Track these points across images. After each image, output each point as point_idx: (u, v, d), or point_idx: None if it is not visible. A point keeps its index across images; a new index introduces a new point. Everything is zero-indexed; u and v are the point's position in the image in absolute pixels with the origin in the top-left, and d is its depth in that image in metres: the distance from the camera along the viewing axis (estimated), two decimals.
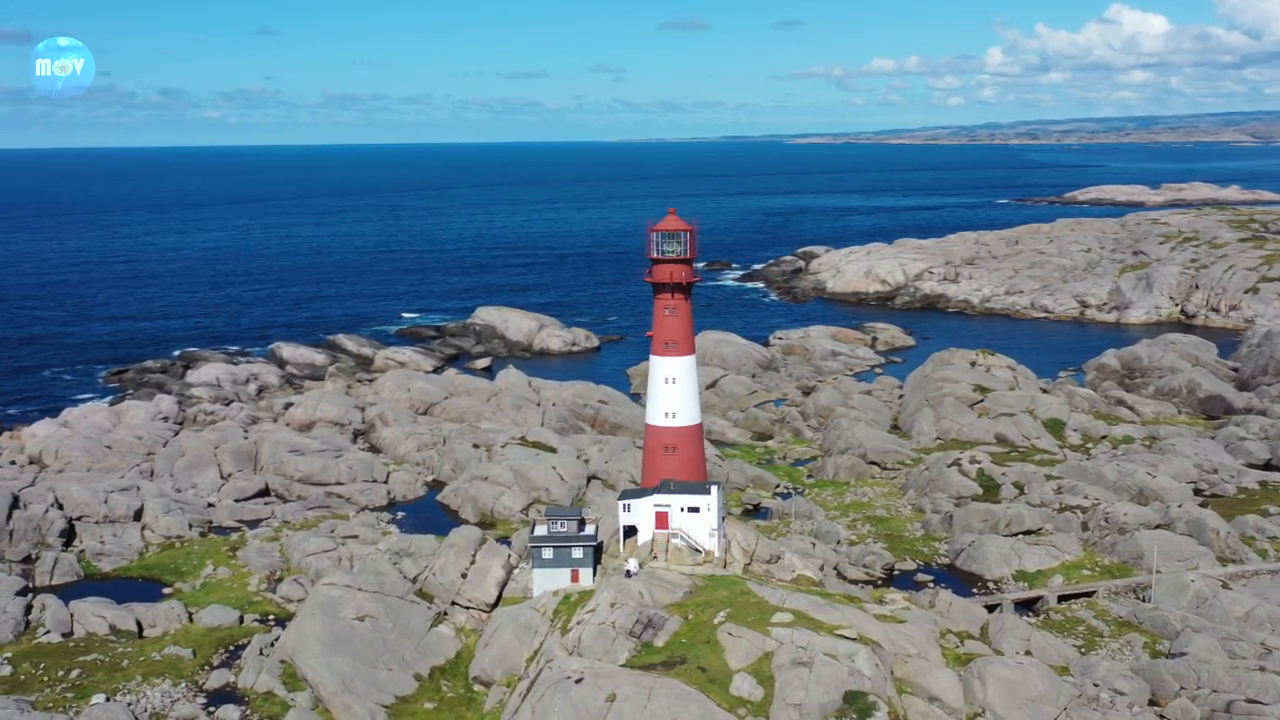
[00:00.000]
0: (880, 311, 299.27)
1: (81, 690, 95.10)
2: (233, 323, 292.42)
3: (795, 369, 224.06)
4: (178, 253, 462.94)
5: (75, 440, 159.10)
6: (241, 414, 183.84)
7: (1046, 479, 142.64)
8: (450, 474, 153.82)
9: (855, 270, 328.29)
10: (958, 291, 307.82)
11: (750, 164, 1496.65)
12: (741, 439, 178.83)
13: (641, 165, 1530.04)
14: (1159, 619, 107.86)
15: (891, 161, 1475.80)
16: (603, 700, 79.19)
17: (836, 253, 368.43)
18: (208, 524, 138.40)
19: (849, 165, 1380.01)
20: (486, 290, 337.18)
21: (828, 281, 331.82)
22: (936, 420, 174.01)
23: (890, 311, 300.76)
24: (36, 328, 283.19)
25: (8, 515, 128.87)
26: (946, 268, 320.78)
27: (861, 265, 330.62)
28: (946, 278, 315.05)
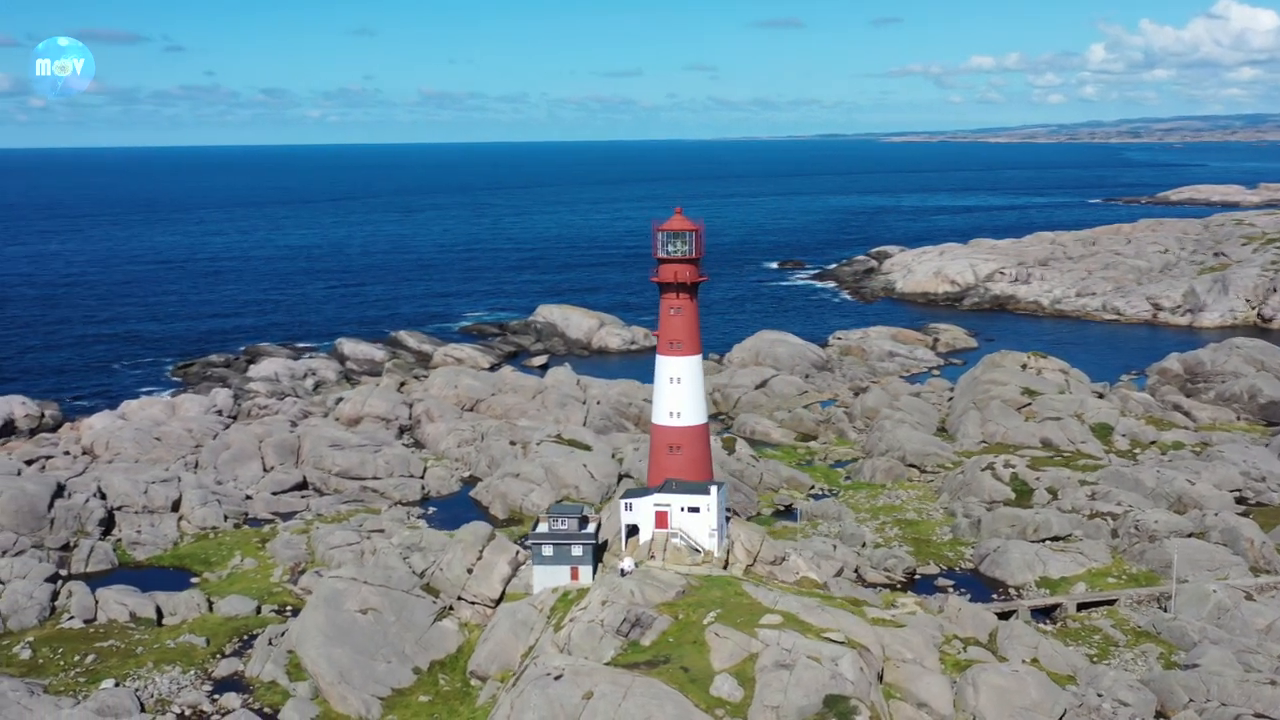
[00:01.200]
0: (948, 312, 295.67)
1: (94, 675, 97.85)
2: (303, 318, 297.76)
3: (851, 370, 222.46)
4: (262, 249, 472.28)
5: (126, 432, 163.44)
6: (294, 408, 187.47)
7: (1081, 484, 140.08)
8: (486, 470, 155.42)
9: (925, 270, 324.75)
10: (1028, 293, 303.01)
11: (842, 163, 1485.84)
12: (785, 439, 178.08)
13: (733, 164, 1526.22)
14: (1177, 629, 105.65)
15: (985, 160, 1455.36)
16: (579, 698, 79.63)
17: (909, 253, 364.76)
18: (243, 516, 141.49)
19: (942, 164, 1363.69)
20: (558, 288, 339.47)
21: (897, 282, 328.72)
22: (982, 423, 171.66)
23: (958, 312, 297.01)
24: (115, 322, 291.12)
25: (49, 504, 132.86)
26: (1019, 268, 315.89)
27: (931, 265, 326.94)
28: (1018, 279, 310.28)
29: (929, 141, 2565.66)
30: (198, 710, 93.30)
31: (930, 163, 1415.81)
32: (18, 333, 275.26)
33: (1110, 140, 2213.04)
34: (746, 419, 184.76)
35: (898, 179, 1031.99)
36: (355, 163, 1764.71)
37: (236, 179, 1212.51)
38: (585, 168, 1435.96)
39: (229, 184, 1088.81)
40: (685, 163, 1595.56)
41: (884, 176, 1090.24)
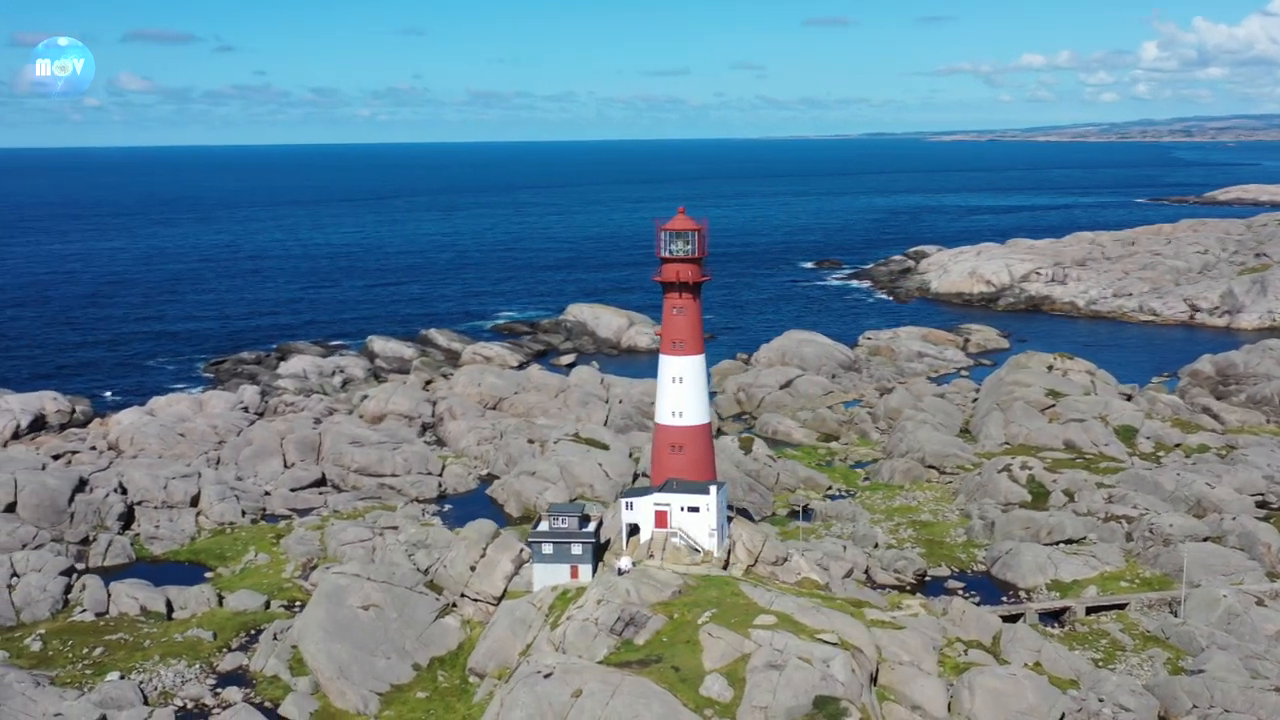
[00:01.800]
0: (983, 313, 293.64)
1: (100, 667, 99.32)
2: (338, 316, 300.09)
3: (878, 370, 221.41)
4: (303, 247, 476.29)
5: (151, 428, 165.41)
6: (320, 405, 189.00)
7: (1098, 487, 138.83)
8: (504, 468, 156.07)
9: (960, 271, 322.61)
10: (1064, 293, 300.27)
11: (889, 162, 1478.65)
12: (807, 440, 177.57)
13: (779, 163, 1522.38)
14: (1185, 634, 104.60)
15: (1033, 159, 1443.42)
16: (568, 696, 79.95)
17: (946, 252, 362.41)
18: (261, 511, 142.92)
19: (989, 163, 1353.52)
20: (594, 287, 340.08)
21: (932, 282, 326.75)
22: (1005, 425, 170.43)
23: (993, 313, 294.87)
24: (154, 319, 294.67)
25: (70, 498, 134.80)
26: (1055, 269, 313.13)
27: (967, 265, 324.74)
28: (1054, 279, 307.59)
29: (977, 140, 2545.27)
30: (199, 703, 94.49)
31: (977, 162, 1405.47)
32: (59, 329, 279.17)
33: (1162, 139, 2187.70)
34: (769, 419, 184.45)
35: (943, 178, 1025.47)
36: (403, 161, 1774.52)
37: (285, 178, 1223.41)
38: (631, 167, 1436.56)
39: (277, 183, 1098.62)
40: (731, 161, 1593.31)
41: (929, 176, 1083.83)
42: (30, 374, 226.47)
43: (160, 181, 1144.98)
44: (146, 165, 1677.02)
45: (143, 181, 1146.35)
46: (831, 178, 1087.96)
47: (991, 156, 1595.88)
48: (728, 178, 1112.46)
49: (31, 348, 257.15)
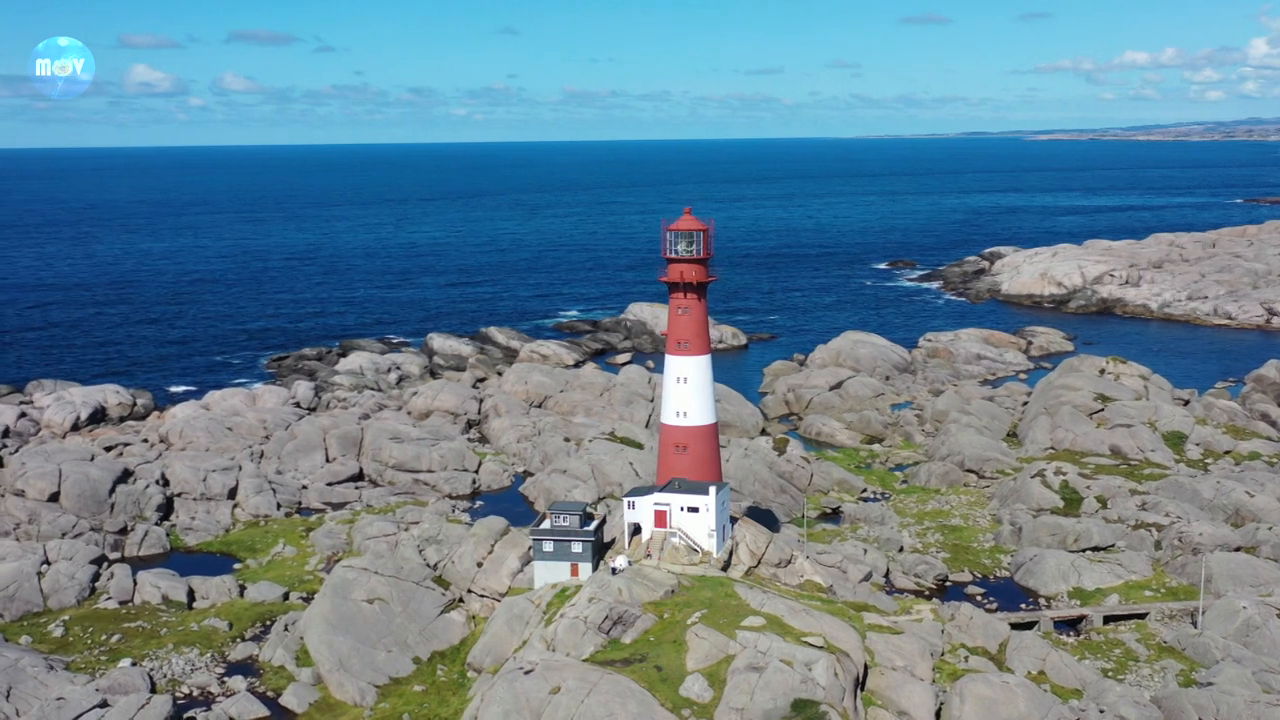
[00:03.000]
0: (1053, 315, 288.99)
1: (115, 654, 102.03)
2: (406, 313, 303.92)
3: (934, 372, 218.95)
4: (384, 245, 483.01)
5: (200, 421, 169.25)
6: (370, 401, 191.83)
7: (1131, 494, 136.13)
8: (539, 466, 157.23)
9: (1031, 272, 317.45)
10: (1136, 296, 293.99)
11: (983, 161, 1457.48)
12: (850, 442, 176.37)
13: (873, 162, 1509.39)
14: (1201, 646, 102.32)
15: (1132, 159, 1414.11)
16: (546, 692, 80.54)
17: (1021, 253, 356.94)
18: (296, 505, 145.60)
19: (1085, 163, 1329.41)
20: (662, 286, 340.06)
21: (1003, 283, 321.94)
22: (1052, 429, 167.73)
23: (1063, 315, 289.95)
24: (228, 315, 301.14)
25: (111, 489, 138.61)
26: (1130, 270, 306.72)
27: (1039, 267, 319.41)
28: (1128, 281, 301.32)
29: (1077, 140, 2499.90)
30: (205, 691, 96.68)
31: (1073, 162, 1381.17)
32: (137, 326, 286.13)
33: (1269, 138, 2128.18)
34: (814, 420, 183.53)
35: (1035, 178, 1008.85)
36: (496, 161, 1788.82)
37: (378, 176, 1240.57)
38: (722, 166, 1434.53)
39: (369, 181, 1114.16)
40: (824, 161, 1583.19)
41: (1022, 175, 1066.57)
42: (103, 368, 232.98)
43: (256, 180, 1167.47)
44: (245, 164, 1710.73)
45: (239, 180, 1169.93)
46: (923, 177, 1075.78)
47: (1089, 156, 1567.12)
48: (818, 177, 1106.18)
49: (107, 343, 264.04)
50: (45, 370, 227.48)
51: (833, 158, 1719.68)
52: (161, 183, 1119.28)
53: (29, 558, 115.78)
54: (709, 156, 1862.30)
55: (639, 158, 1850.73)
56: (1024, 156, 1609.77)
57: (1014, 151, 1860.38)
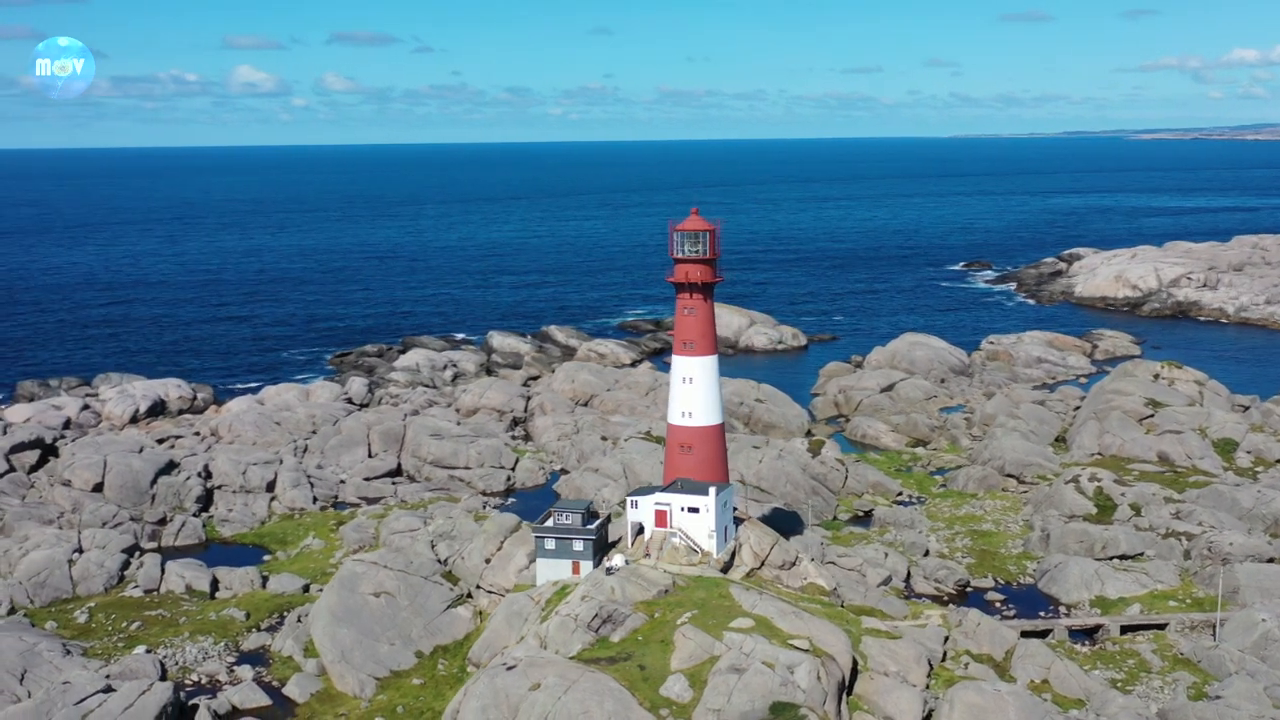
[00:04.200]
0: (1125, 318, 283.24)
1: (133, 641, 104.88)
2: (472, 312, 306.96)
3: (992, 375, 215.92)
4: (464, 243, 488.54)
5: (249, 416, 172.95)
6: (421, 398, 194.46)
7: (1166, 501, 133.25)
8: (575, 464, 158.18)
9: (1106, 274, 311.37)
10: (1213, 299, 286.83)
11: (1082, 161, 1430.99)
12: (895, 444, 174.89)
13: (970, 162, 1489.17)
14: (1216, 659, 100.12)
15: (1235, 159, 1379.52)
16: (526, 689, 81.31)
17: (1099, 255, 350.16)
18: (333, 499, 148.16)
19: (1185, 163, 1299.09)
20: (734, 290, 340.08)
21: (1077, 286, 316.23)
22: (1100, 434, 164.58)
23: (1136, 319, 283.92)
24: (300, 312, 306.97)
25: (153, 480, 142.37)
26: (1208, 273, 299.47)
27: (1114, 269, 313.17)
28: (1205, 284, 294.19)
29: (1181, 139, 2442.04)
30: (213, 679, 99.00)
31: (1174, 161, 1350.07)
32: (210, 322, 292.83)
33: None
34: (860, 422, 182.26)
35: (1132, 178, 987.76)
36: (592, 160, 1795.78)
37: (471, 175, 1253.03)
38: (814, 166, 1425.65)
39: (461, 180, 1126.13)
40: (918, 161, 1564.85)
41: (1119, 175, 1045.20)
42: (173, 363, 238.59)
43: (352, 179, 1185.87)
44: (344, 163, 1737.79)
45: (336, 179, 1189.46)
46: (1017, 177, 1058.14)
47: (1191, 156, 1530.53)
48: (909, 177, 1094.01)
49: (180, 339, 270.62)
50: (119, 364, 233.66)
51: (927, 158, 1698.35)
52: (260, 181, 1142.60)
53: (62, 546, 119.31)
54: (802, 156, 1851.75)
55: (731, 157, 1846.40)
56: (1125, 156, 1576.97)
57: (1115, 151, 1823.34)
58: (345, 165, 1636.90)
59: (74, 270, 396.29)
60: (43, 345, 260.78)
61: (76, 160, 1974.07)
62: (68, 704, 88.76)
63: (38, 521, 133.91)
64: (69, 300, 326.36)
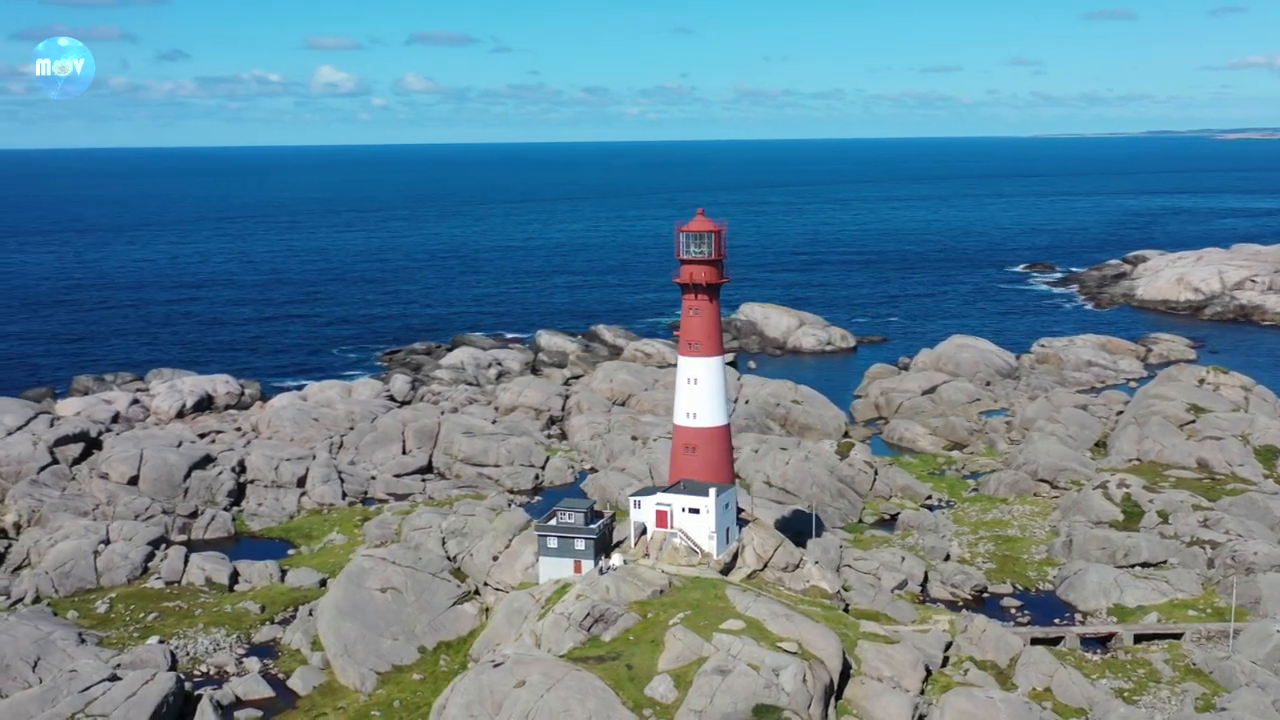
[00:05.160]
0: (1186, 322, 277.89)
1: (147, 631, 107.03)
2: (527, 309, 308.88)
3: (1039, 379, 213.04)
4: (527, 242, 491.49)
5: (288, 412, 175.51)
6: (462, 395, 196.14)
7: (1194, 509, 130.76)
8: (604, 463, 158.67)
9: (1168, 277, 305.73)
10: (1277, 304, 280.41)
11: (1164, 161, 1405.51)
12: (932, 448, 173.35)
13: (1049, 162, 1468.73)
14: (1227, 670, 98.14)
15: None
16: (511, 686, 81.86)
17: (1164, 257, 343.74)
18: (362, 495, 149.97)
19: (1272, 163, 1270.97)
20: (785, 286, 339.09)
21: (1138, 288, 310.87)
22: (1139, 440, 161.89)
23: (1195, 322, 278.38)
24: (359, 309, 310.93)
25: (186, 474, 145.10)
26: (1274, 276, 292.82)
27: (1176, 271, 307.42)
28: (1270, 287, 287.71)
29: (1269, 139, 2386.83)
30: (221, 670, 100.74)
31: (1260, 161, 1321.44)
32: (269, 320, 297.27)
33: None
34: (898, 424, 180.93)
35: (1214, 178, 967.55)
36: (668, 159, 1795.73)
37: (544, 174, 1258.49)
38: (889, 165, 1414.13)
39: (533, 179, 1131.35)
40: (997, 160, 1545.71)
41: (1201, 176, 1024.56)
42: (228, 359, 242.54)
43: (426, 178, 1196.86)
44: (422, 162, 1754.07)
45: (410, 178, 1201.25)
46: (1097, 177, 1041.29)
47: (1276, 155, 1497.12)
48: (984, 177, 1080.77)
49: (237, 336, 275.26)
50: (175, 360, 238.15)
51: (1005, 158, 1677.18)
52: (335, 180, 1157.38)
53: (89, 537, 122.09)
54: (878, 156, 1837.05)
55: (808, 156, 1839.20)
56: (1209, 156, 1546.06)
57: (1200, 151, 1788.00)
58: (421, 165, 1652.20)
59: (143, 267, 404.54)
60: (103, 341, 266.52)
61: (162, 159, 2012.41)
62: (73, 691, 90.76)
63: (74, 513, 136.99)
64: (135, 297, 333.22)
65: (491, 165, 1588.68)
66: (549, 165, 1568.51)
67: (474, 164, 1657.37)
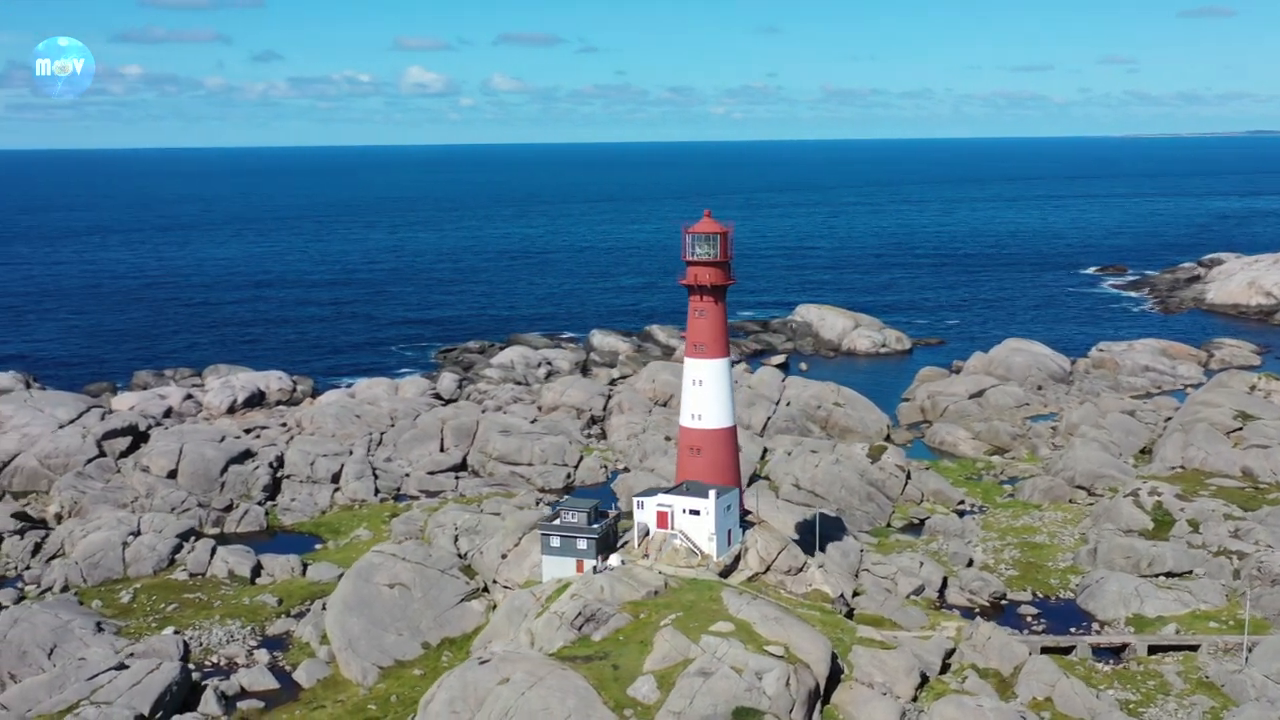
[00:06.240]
0: (1256, 327, 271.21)
1: (165, 622, 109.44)
2: (587, 309, 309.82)
3: (1092, 384, 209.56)
4: (598, 242, 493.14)
5: (331, 409, 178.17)
6: (507, 394, 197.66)
7: (1225, 518, 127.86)
8: (637, 463, 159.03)
9: (1240, 280, 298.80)
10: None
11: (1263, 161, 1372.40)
12: (973, 452, 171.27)
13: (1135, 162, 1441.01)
14: (1238, 683, 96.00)
15: None
16: (494, 683, 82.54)
17: (1239, 260, 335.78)
18: (395, 491, 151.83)
19: None
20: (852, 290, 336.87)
21: (1209, 292, 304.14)
22: (1184, 447, 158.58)
23: (1268, 327, 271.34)
24: (421, 308, 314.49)
25: (223, 469, 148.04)
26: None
27: (1249, 275, 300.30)
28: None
29: None
30: (231, 661, 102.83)
31: None
32: (335, 319, 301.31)
33: None
34: (940, 428, 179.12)
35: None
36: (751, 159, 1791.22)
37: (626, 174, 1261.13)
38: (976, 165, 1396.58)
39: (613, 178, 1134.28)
40: (1086, 161, 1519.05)
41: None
42: (288, 356, 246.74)
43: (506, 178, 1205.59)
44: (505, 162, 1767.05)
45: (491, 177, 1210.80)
46: (1188, 178, 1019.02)
47: None
48: (1071, 178, 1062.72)
49: (302, 334, 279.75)
50: (236, 356, 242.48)
51: (1096, 158, 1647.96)
52: (417, 180, 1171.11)
53: (120, 529, 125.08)
54: (965, 156, 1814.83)
55: (894, 157, 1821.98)
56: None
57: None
58: (506, 165, 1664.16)
59: (218, 265, 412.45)
60: (169, 337, 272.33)
61: (255, 159, 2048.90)
62: (80, 679, 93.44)
63: (113, 505, 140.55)
64: (205, 295, 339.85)
65: (575, 165, 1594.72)
66: (632, 165, 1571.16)
67: (558, 164, 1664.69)
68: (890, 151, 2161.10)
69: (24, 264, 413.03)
